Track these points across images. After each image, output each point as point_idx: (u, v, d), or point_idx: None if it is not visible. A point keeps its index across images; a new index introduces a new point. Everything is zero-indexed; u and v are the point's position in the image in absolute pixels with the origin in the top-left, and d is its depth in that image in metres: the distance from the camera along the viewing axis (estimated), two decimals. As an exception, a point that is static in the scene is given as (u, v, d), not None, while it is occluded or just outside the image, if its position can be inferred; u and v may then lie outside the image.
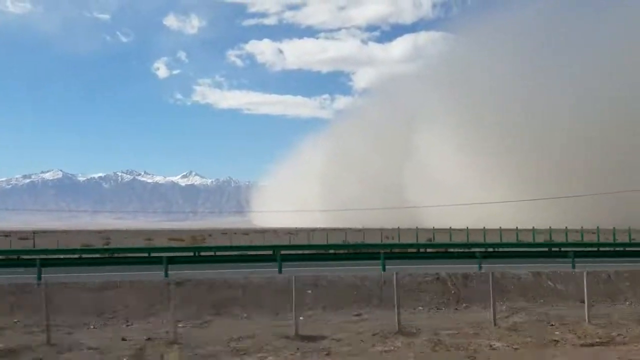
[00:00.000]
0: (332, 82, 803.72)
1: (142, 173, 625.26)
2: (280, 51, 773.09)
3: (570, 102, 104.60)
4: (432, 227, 56.36)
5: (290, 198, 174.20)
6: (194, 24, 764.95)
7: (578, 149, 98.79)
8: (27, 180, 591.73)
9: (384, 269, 21.39)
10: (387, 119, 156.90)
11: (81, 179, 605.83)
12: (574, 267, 21.87)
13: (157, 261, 21.35)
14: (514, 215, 74.40)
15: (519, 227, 49.97)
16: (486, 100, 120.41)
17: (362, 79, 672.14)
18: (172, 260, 21.51)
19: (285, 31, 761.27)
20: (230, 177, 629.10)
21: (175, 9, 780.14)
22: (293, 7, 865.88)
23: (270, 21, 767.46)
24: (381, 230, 57.74)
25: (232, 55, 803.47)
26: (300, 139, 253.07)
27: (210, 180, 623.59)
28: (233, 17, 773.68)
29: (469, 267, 21.26)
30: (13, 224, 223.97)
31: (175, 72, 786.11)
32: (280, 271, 20.42)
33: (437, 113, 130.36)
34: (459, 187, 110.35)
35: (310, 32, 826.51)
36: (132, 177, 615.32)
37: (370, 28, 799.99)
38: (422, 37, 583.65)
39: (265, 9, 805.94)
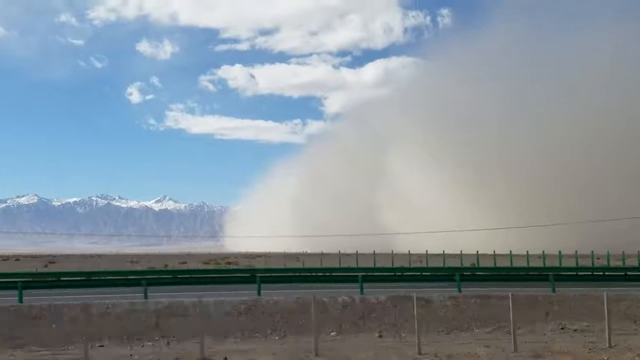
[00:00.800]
0: (304, 107, 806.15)
1: (117, 198, 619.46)
2: (252, 76, 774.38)
3: (543, 127, 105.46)
4: (407, 252, 56.06)
5: (263, 223, 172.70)
6: (166, 50, 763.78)
7: (552, 175, 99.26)
8: (3, 205, 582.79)
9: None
10: (359, 143, 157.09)
11: (56, 203, 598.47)
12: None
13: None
14: (487, 240, 74.17)
15: (495, 252, 50.02)
16: (457, 124, 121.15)
17: (333, 103, 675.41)
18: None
19: (257, 56, 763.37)
20: (203, 201, 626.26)
21: (148, 35, 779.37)
22: (265, 33, 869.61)
23: (242, 47, 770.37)
24: (356, 254, 57.15)
25: (204, 80, 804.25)
26: (272, 163, 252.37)
27: (184, 205, 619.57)
28: (205, 43, 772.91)
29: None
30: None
31: (148, 97, 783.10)
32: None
33: (409, 137, 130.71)
34: (431, 211, 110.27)
35: (282, 57, 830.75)
36: (106, 201, 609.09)
37: (342, 53, 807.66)
38: (393, 62, 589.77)
39: (237, 35, 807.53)
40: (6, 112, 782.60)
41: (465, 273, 27.56)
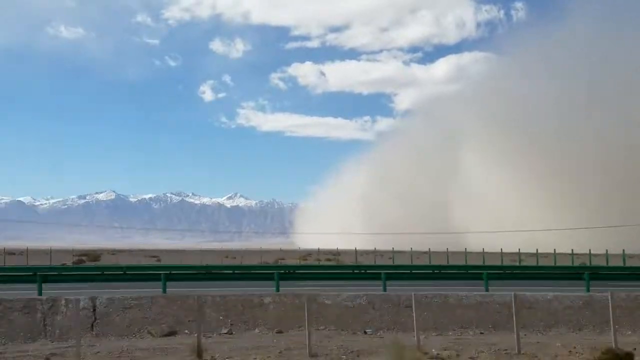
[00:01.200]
0: (374, 103, 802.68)
1: (190, 194, 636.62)
2: (322, 73, 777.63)
3: (621, 125, 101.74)
4: (481, 250, 56.15)
5: (332, 220, 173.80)
6: (238, 48, 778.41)
7: (631, 174, 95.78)
8: (82, 201, 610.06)
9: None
10: (430, 140, 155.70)
11: (132, 199, 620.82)
12: None
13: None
14: (559, 239, 72.72)
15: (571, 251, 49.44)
16: (531, 120, 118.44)
17: (403, 100, 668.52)
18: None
19: (328, 53, 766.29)
20: (273, 198, 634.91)
21: (221, 34, 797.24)
22: (335, 30, 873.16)
23: (313, 44, 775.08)
24: (429, 252, 57.58)
25: (275, 78, 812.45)
26: (341, 160, 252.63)
27: (254, 202, 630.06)
28: (277, 41, 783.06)
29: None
30: (68, 243, 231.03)
31: (220, 95, 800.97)
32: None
33: (481, 133, 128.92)
34: (504, 209, 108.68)
35: (352, 54, 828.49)
36: (180, 198, 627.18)
37: (413, 49, 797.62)
38: (465, 57, 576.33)
39: (307, 32, 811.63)
40: (85, 111, 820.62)
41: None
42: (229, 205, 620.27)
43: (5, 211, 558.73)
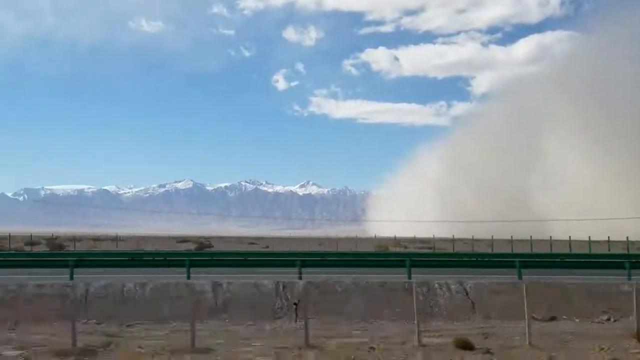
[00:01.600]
0: (449, 88, 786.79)
1: (264, 183, 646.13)
2: (396, 58, 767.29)
3: None
4: (567, 238, 52.37)
5: (406, 207, 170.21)
6: (311, 36, 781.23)
7: None
8: (162, 190, 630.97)
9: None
10: (509, 125, 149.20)
11: (209, 188, 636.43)
12: None
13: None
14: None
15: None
16: (620, 103, 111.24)
17: (481, 83, 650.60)
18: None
19: (402, 38, 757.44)
20: (346, 186, 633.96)
21: (294, 22, 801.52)
22: (410, 13, 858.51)
23: (387, 29, 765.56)
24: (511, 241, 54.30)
25: (347, 64, 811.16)
26: (415, 147, 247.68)
27: (326, 190, 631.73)
28: (350, 27, 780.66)
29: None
30: (150, 230, 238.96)
31: (293, 83, 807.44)
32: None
33: (566, 116, 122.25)
34: (589, 196, 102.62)
35: (428, 37, 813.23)
36: (254, 186, 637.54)
37: (492, 30, 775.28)
38: (548, 37, 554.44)
39: (381, 17, 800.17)
40: (164, 103, 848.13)
41: None
42: (301, 193, 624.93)
43: (91, 199, 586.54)
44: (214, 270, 20.46)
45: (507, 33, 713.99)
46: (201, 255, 25.79)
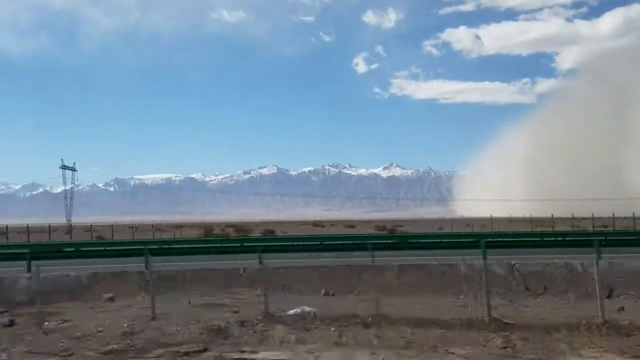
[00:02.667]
0: (533, 65, 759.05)
1: (347, 166, 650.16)
2: (477, 37, 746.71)
3: None
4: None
5: (493, 187, 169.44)
6: (391, 18, 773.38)
7: None
8: (247, 176, 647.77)
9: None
10: (598, 100, 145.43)
11: (293, 173, 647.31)
12: None
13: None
14: None
15: None
16: None
17: (566, 59, 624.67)
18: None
19: (483, 16, 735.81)
20: (429, 167, 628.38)
21: (373, 5, 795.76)
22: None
23: (467, 7, 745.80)
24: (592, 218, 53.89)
25: (428, 45, 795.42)
26: (499, 126, 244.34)
27: (410, 171, 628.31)
28: (429, 7, 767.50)
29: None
30: (234, 216, 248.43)
31: (373, 66, 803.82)
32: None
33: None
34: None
35: (510, 14, 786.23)
36: (338, 170, 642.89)
37: (576, 4, 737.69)
38: (634, 9, 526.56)
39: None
40: (245, 91, 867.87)
41: None
42: (385, 176, 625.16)
43: (179, 187, 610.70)
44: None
45: (592, 7, 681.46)
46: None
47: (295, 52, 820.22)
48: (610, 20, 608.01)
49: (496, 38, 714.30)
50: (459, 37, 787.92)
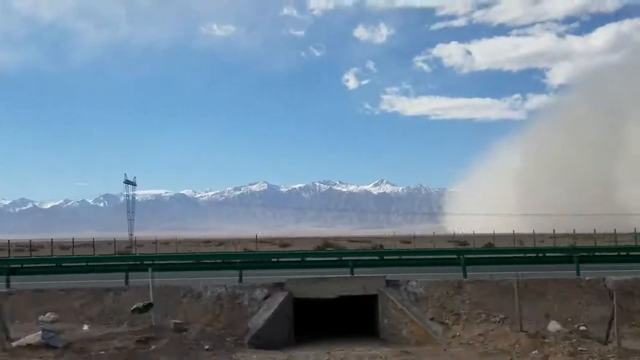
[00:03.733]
0: (524, 80, 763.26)
1: (337, 183, 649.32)
2: (469, 52, 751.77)
3: None
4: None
5: (484, 203, 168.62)
6: (382, 33, 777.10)
7: None
8: (238, 192, 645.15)
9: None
10: (590, 115, 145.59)
11: (283, 189, 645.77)
12: None
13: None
14: None
15: None
16: None
17: (558, 74, 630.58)
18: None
19: (474, 31, 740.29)
20: (420, 184, 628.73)
21: (365, 20, 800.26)
22: (483, 6, 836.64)
23: (459, 23, 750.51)
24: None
25: (419, 61, 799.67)
26: (490, 142, 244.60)
27: (401, 188, 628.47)
28: (421, 23, 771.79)
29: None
30: (227, 232, 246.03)
31: (364, 82, 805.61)
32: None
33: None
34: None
35: (502, 30, 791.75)
36: (328, 187, 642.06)
37: (568, 20, 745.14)
38: (627, 24, 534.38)
39: (454, 11, 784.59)
40: (235, 106, 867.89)
41: None
42: (375, 192, 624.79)
43: (169, 204, 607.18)
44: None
45: (584, 22, 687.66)
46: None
47: (286, 66, 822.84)
48: (602, 36, 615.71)
49: (487, 54, 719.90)
50: (450, 52, 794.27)
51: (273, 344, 14.89)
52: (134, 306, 14.59)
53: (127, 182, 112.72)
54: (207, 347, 12.99)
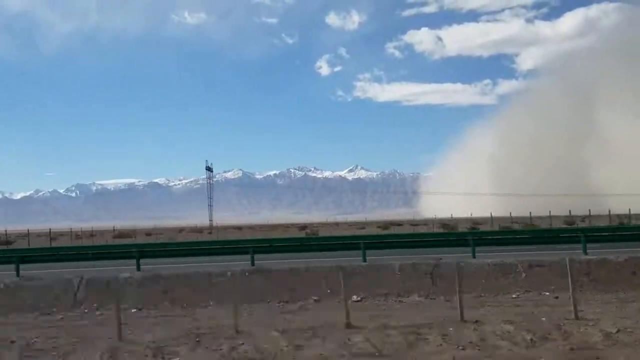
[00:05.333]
0: (494, 66, 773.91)
1: (312, 169, 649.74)
2: (439, 39, 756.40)
3: None
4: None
5: (458, 187, 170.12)
6: (354, 20, 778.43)
7: None
8: (212, 180, 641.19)
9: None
10: (560, 98, 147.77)
11: (259, 176, 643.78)
12: None
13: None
14: None
15: None
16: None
17: (527, 60, 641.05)
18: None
19: (445, 18, 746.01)
20: (394, 169, 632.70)
21: (336, 7, 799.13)
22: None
23: (430, 9, 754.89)
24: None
25: (390, 47, 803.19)
26: (462, 126, 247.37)
27: (375, 173, 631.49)
28: (393, 9, 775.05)
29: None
30: (202, 220, 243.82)
31: (336, 69, 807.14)
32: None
33: (619, 86, 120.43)
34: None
35: (472, 16, 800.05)
36: (303, 173, 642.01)
37: (537, 5, 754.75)
38: (594, 10, 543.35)
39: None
40: (208, 93, 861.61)
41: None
42: (350, 178, 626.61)
43: (143, 193, 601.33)
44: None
45: (552, 8, 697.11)
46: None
47: (258, 54, 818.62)
48: (571, 21, 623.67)
49: (458, 40, 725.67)
50: (421, 38, 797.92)
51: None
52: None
53: (207, 168, 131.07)
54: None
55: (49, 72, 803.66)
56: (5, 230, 52.34)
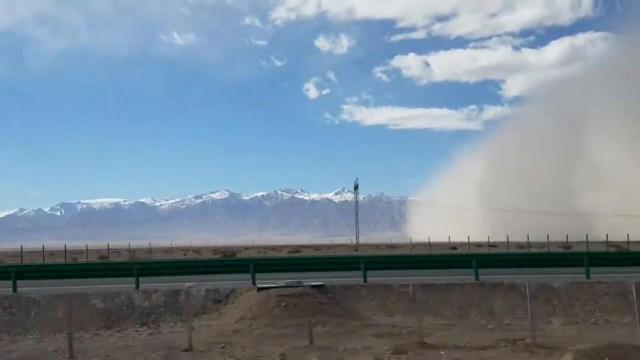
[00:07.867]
0: (480, 92, 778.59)
1: (299, 191, 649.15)
2: (427, 64, 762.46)
3: None
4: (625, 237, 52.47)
5: (445, 211, 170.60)
6: (343, 44, 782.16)
7: None
8: (199, 201, 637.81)
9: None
10: (547, 124, 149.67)
11: (245, 198, 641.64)
12: None
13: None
14: None
15: None
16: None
17: (512, 86, 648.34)
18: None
19: (433, 44, 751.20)
20: (381, 192, 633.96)
21: (326, 31, 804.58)
22: (442, 19, 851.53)
23: (418, 35, 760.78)
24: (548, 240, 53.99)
25: (378, 71, 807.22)
26: (448, 151, 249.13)
27: (362, 197, 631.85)
28: (381, 34, 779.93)
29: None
30: (187, 241, 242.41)
31: (324, 92, 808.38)
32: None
33: (606, 114, 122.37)
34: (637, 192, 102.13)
35: (459, 42, 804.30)
36: (290, 195, 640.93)
37: (524, 33, 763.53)
38: (580, 38, 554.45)
39: (413, 23, 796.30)
40: (196, 114, 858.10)
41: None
42: (337, 201, 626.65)
43: (129, 212, 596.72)
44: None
45: (539, 36, 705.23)
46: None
47: (247, 76, 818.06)
48: (556, 49, 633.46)
49: (445, 65, 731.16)
50: (409, 63, 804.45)
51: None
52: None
53: (355, 187, 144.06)
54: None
55: (36, 90, 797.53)
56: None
